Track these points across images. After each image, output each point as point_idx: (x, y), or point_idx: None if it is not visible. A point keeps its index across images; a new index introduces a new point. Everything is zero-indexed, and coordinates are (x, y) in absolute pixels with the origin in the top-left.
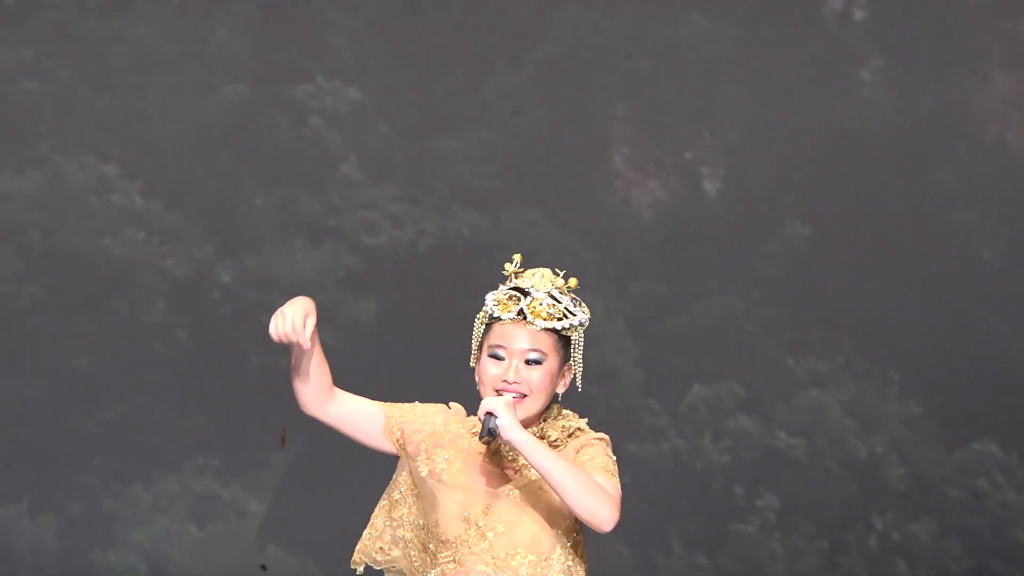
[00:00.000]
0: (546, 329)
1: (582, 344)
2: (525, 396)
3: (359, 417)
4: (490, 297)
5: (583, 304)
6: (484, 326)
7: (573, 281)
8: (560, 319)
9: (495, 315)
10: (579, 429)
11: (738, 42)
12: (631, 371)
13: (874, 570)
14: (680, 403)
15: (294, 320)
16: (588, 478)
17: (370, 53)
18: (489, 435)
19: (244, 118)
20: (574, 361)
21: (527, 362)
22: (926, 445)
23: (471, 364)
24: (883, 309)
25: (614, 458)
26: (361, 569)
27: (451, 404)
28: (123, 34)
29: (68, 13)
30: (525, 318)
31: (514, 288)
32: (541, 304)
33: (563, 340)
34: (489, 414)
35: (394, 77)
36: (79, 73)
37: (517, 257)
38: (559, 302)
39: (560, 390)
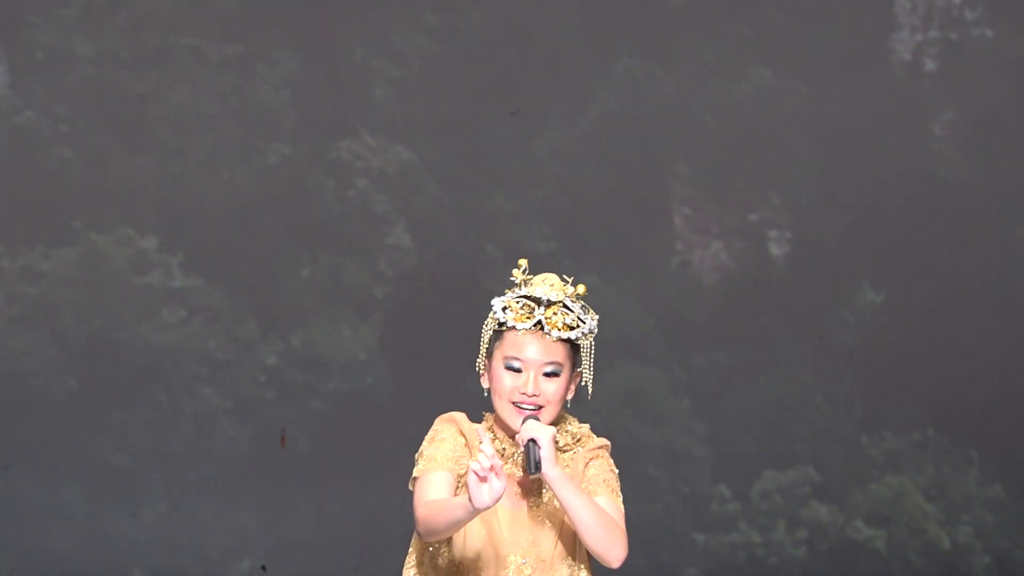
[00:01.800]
0: (560, 339)
1: (593, 350)
2: (541, 407)
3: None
4: (498, 303)
5: (591, 310)
6: (493, 333)
7: (582, 288)
8: (574, 328)
9: (509, 324)
10: (584, 436)
11: (805, 97)
12: (699, 452)
13: None
14: (751, 489)
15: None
16: (607, 517)
17: (418, 107)
18: (536, 468)
19: (287, 180)
20: (584, 367)
21: (545, 374)
22: (1010, 529)
23: (478, 370)
24: (960, 382)
25: (616, 471)
26: None
27: (452, 416)
28: (159, 90)
29: (102, 69)
30: (542, 329)
31: (525, 296)
32: (556, 314)
33: (573, 347)
34: (532, 442)
35: (443, 132)
36: (114, 134)
37: (524, 262)
38: (571, 310)
39: (569, 396)
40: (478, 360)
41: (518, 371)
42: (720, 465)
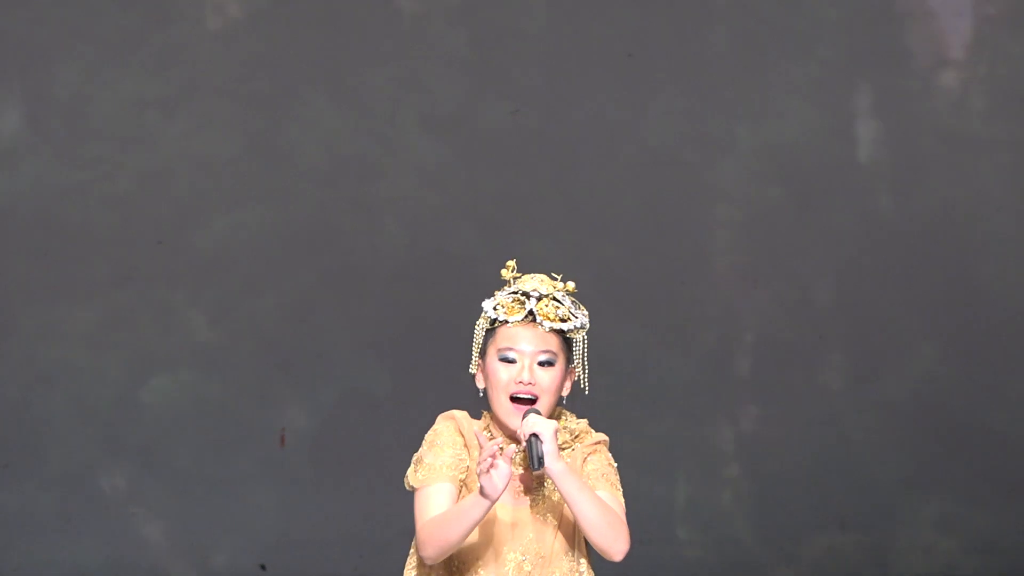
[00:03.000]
0: (553, 330)
1: (586, 346)
2: (537, 398)
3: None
4: (489, 304)
5: (582, 306)
6: (486, 331)
7: (571, 285)
8: (565, 320)
9: (501, 318)
10: (583, 431)
11: (850, 137)
12: (745, 513)
13: None
14: (800, 552)
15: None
16: (610, 511)
17: (452, 147)
18: (539, 464)
19: (317, 224)
20: (578, 363)
21: (539, 363)
22: None
23: (471, 371)
24: (1016, 439)
25: (615, 465)
26: None
27: (452, 414)
28: (185, 131)
29: (126, 109)
30: (534, 319)
31: (515, 292)
32: (547, 306)
33: (567, 341)
34: (535, 436)
35: (478, 173)
36: (138, 178)
37: (512, 263)
38: (562, 304)
39: (564, 392)
40: (472, 363)
41: (512, 362)
42: (767, 527)
